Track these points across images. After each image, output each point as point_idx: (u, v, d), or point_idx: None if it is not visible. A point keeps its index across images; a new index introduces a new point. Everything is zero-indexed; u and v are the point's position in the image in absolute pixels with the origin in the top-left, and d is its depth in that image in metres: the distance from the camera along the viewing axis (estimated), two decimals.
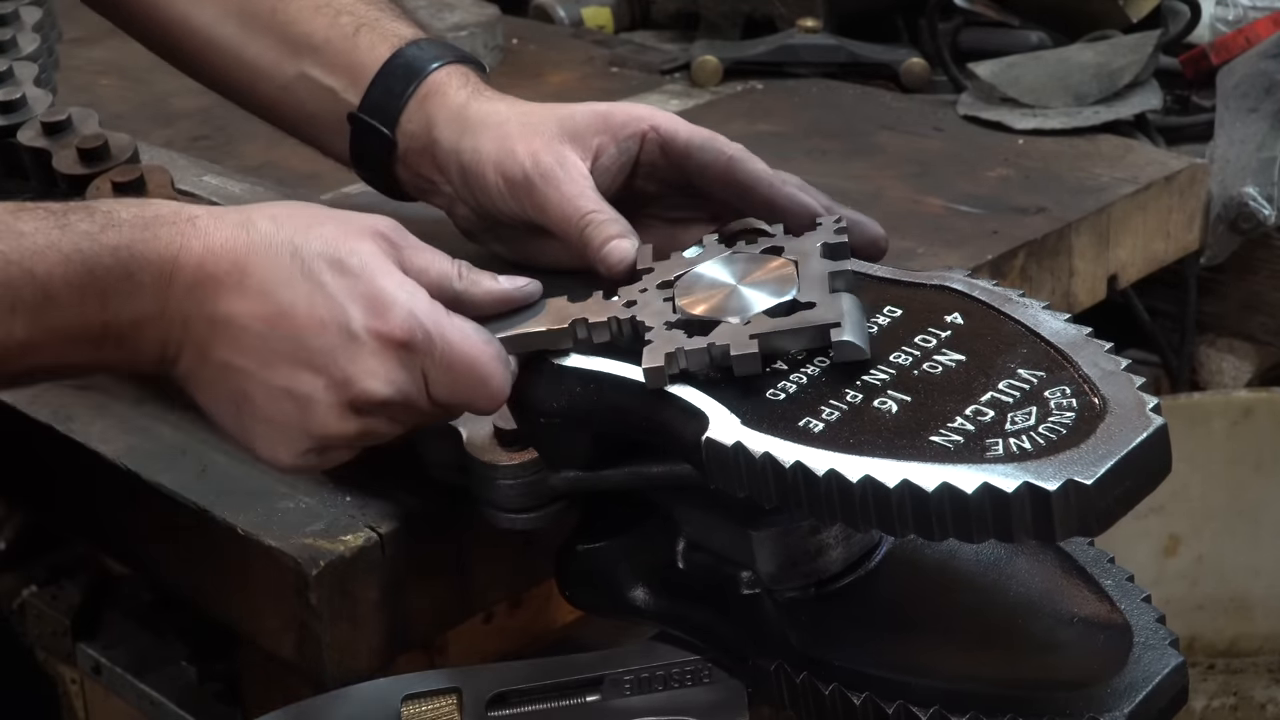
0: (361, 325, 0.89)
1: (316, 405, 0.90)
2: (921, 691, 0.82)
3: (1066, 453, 0.76)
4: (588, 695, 0.93)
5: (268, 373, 0.90)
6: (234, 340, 0.90)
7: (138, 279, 0.89)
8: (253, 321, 0.89)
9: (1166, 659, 0.82)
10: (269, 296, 0.89)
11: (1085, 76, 1.72)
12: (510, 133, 1.05)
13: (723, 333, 0.87)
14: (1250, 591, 1.72)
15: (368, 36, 1.12)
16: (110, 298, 0.88)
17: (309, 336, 0.89)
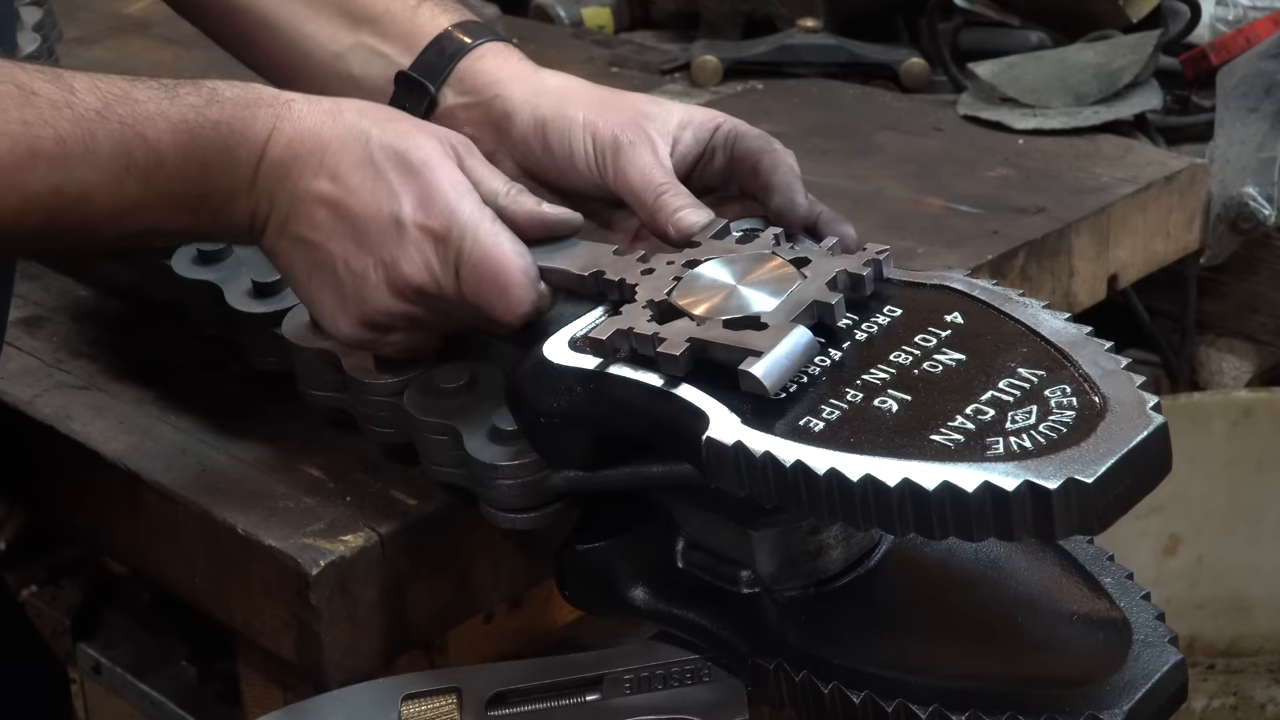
0: (409, 216, 0.97)
1: (368, 282, 0.98)
2: (921, 690, 0.82)
3: (1067, 451, 0.76)
4: (588, 695, 0.93)
5: (332, 247, 0.98)
6: (308, 216, 0.98)
7: (235, 153, 0.97)
8: (324, 200, 0.98)
9: (1166, 656, 0.82)
10: (340, 179, 0.97)
11: (1085, 76, 1.72)
12: (603, 101, 1.10)
13: (673, 328, 0.88)
14: (1250, 591, 1.72)
15: (430, 10, 1.18)
16: (211, 168, 0.96)
17: (366, 220, 0.97)
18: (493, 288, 0.96)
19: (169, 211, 0.97)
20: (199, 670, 1.51)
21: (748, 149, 1.08)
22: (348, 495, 1.07)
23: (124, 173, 0.94)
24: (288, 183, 0.98)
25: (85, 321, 1.33)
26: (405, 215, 0.97)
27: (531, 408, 0.94)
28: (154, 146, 0.95)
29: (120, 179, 0.94)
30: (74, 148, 0.92)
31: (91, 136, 0.93)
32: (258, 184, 0.98)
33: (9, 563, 1.79)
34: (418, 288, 0.97)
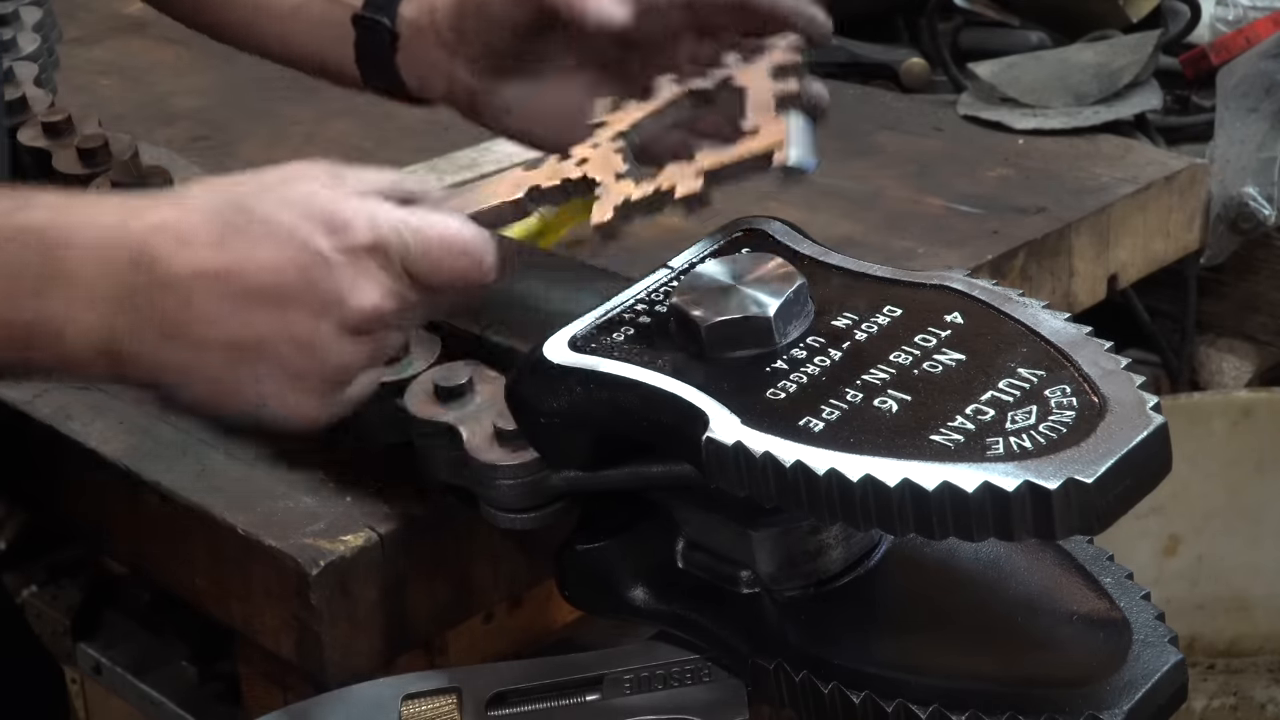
0: (328, 246, 0.84)
1: (318, 339, 0.85)
2: (921, 689, 0.82)
3: (1067, 451, 0.76)
4: (588, 694, 0.92)
5: (254, 327, 0.83)
6: (202, 305, 0.82)
7: (67, 263, 0.81)
8: (218, 278, 0.82)
9: (1165, 656, 0.82)
10: (226, 248, 0.83)
11: (1085, 76, 1.72)
12: None
13: (670, 174, 0.88)
14: (1250, 591, 1.72)
15: None
16: (31, 285, 0.81)
17: (280, 275, 0.83)
18: (455, 258, 0.89)
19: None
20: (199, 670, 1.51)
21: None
22: (348, 495, 1.07)
23: None
24: (158, 274, 0.82)
25: None
26: (323, 248, 0.84)
27: (531, 408, 0.94)
28: None
29: None
30: None
31: None
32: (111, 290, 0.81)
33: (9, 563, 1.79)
34: (375, 313, 0.86)
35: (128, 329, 0.82)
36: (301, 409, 0.86)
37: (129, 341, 0.82)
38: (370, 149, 1.74)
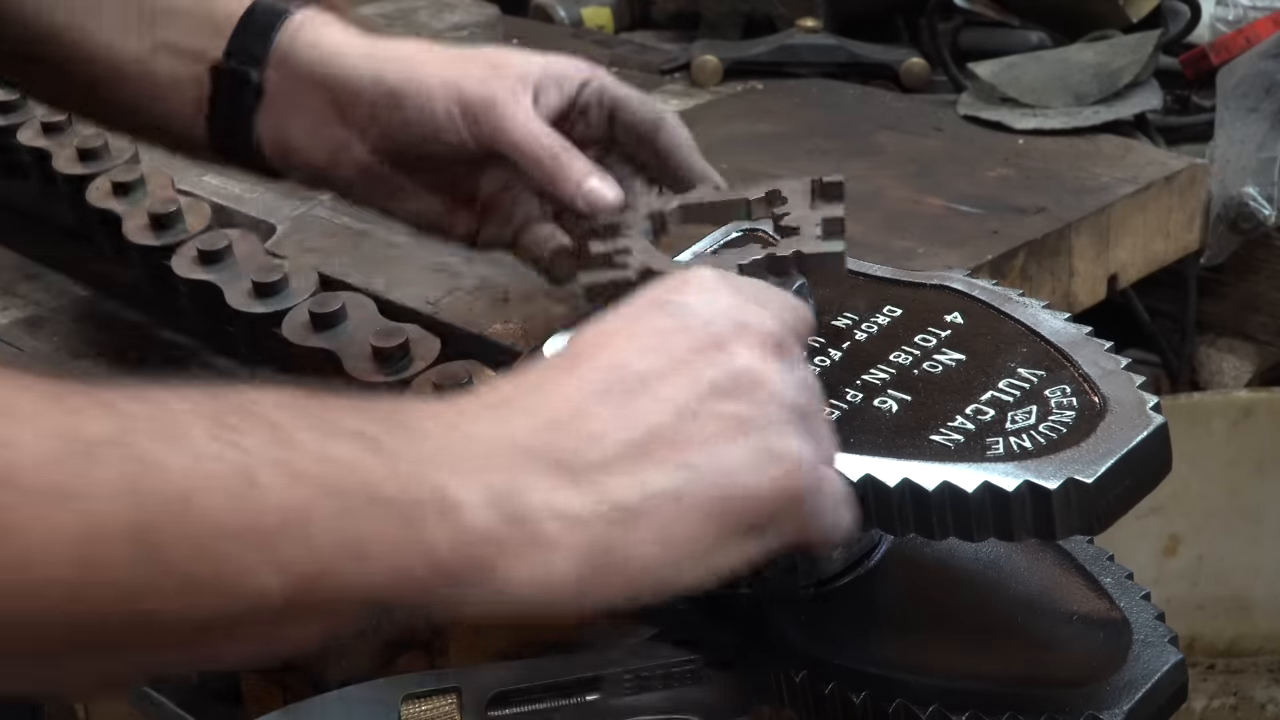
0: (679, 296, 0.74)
1: (742, 366, 0.71)
2: (920, 690, 0.82)
3: (1067, 451, 0.76)
4: (587, 694, 0.92)
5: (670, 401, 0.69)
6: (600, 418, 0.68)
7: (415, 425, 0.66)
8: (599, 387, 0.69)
9: (1166, 656, 0.82)
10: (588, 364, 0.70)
11: (1085, 76, 1.72)
12: (455, 57, 1.01)
13: None
14: (1250, 591, 1.71)
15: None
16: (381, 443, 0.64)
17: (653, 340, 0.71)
18: None
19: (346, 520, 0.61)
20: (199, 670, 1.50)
21: (636, 120, 1.03)
22: None
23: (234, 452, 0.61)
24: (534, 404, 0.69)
25: (85, 321, 1.33)
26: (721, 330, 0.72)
27: None
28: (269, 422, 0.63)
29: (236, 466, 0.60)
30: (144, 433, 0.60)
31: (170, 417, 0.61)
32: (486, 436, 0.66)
33: None
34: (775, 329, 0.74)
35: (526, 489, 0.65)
36: (773, 453, 0.69)
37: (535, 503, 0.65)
38: None
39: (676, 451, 0.67)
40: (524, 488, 0.64)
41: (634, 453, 0.66)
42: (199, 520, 0.58)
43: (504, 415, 0.67)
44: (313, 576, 0.60)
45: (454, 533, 0.63)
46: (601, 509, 0.65)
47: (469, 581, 0.63)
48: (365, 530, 0.61)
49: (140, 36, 1.03)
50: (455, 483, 0.63)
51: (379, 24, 1.08)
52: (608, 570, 0.65)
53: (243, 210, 1.29)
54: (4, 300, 1.37)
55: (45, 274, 1.40)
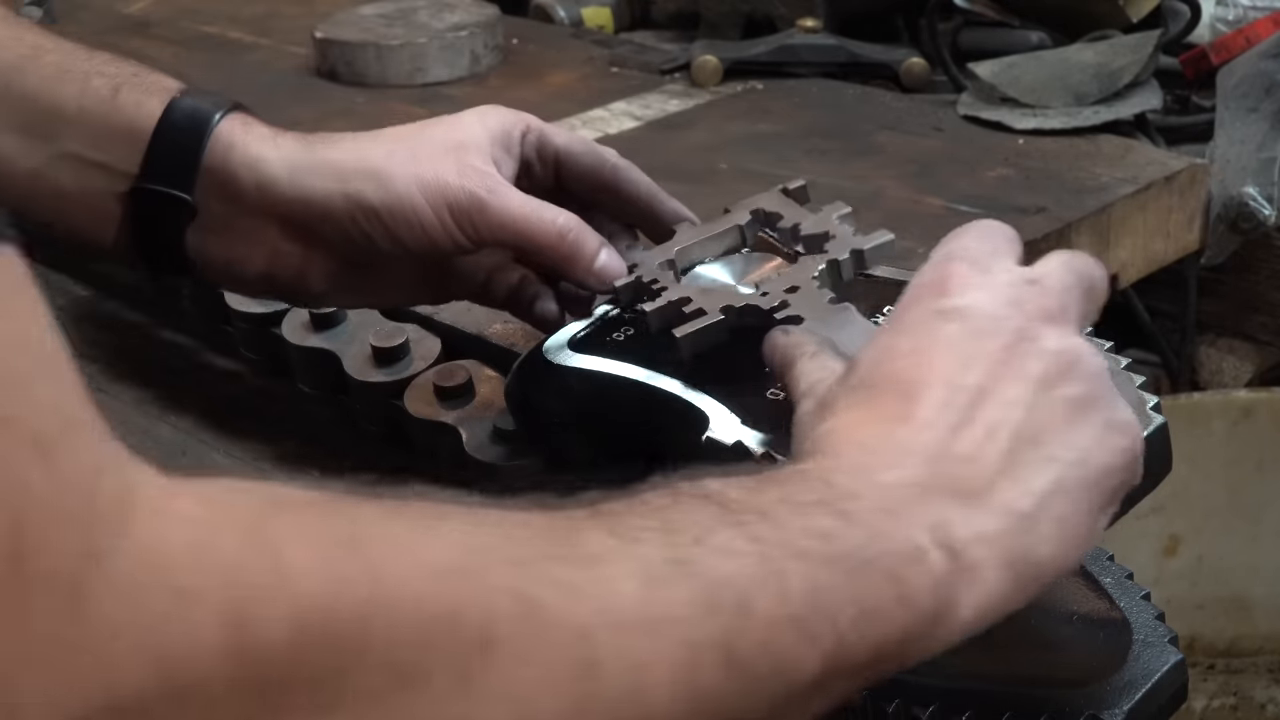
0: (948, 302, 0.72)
1: (1049, 348, 0.71)
2: (920, 690, 0.82)
3: None
4: None
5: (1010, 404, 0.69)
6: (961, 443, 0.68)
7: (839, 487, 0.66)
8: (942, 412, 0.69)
9: (1166, 656, 0.82)
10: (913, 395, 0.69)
11: (1085, 76, 1.72)
12: (419, 158, 0.93)
13: None
14: (1250, 591, 1.71)
15: (130, 95, 0.94)
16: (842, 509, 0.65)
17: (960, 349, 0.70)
18: None
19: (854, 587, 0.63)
20: None
21: (586, 168, 0.99)
22: None
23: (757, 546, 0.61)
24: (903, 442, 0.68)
25: (85, 321, 1.33)
26: (1017, 322, 0.72)
27: (531, 408, 0.94)
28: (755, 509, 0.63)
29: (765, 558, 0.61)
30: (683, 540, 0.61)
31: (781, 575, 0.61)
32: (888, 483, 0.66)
33: None
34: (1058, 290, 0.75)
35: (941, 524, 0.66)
36: (1115, 423, 0.71)
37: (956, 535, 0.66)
38: None
39: (1039, 448, 0.68)
40: (949, 522, 0.65)
41: (1008, 462, 0.68)
42: (760, 622, 0.60)
43: (885, 465, 0.67)
44: (835, 649, 0.62)
45: (928, 579, 0.64)
46: (1008, 522, 0.67)
47: (940, 623, 0.66)
48: (864, 593, 0.63)
49: (34, 149, 0.94)
50: (911, 533, 0.64)
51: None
52: (1025, 576, 0.68)
53: None
54: None
55: (45, 274, 1.40)
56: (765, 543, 0.61)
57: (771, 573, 0.60)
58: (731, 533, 0.61)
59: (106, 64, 0.95)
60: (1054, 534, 0.68)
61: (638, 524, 0.60)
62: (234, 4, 2.22)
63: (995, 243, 0.76)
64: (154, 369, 1.25)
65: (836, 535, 0.63)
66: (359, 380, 1.08)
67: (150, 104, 0.93)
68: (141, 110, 0.93)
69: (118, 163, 0.93)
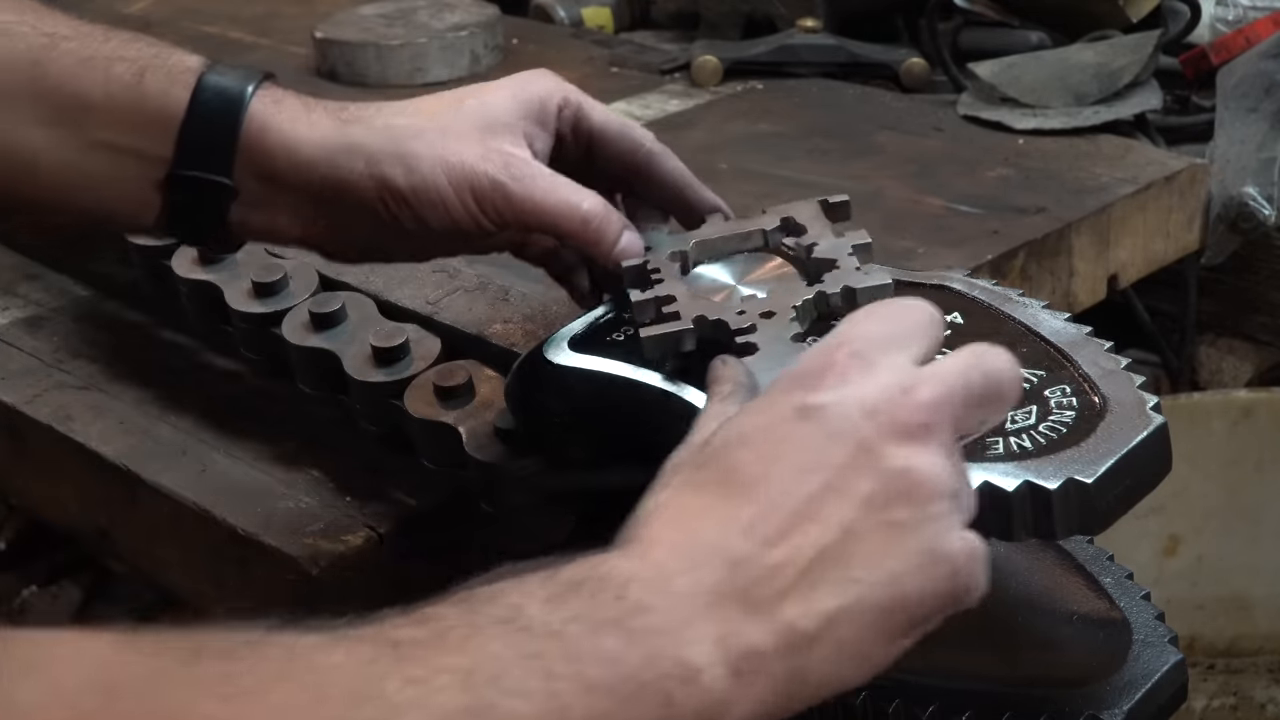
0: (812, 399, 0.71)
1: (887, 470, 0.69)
2: (920, 690, 0.82)
3: (1067, 451, 0.76)
4: None
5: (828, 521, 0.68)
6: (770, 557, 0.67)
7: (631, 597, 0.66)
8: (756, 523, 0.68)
9: (1166, 656, 0.82)
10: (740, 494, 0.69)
11: (1085, 76, 1.72)
12: (443, 141, 0.94)
13: None
14: (1250, 591, 1.71)
15: (156, 80, 0.93)
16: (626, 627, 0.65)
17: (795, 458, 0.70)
18: None
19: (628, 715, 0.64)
20: None
21: (620, 153, 0.99)
22: (347, 495, 1.07)
23: (550, 683, 0.63)
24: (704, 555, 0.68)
25: (85, 321, 1.33)
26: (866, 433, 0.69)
27: (531, 408, 0.94)
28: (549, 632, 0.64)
29: (554, 695, 0.63)
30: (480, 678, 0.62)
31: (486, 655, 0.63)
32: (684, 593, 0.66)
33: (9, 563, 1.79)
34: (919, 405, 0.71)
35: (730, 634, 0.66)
36: (939, 553, 0.69)
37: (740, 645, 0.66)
38: None
39: (844, 569, 0.67)
40: (734, 634, 0.66)
41: (806, 579, 0.67)
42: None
43: (686, 568, 0.67)
44: None
45: (698, 698, 0.65)
46: (785, 640, 0.66)
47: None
48: (635, 716, 0.64)
49: (63, 136, 0.93)
50: (690, 652, 0.65)
51: None
52: (796, 694, 0.67)
53: None
54: (4, 300, 1.37)
55: (45, 274, 1.40)
56: (556, 678, 0.62)
57: (558, 709, 0.62)
58: (525, 670, 0.62)
59: (126, 46, 0.95)
60: (832, 656, 0.67)
61: (436, 664, 0.62)
62: (234, 4, 2.22)
63: (899, 329, 0.73)
64: (154, 369, 1.25)
65: (620, 659, 0.64)
66: (359, 380, 1.08)
67: (176, 89, 0.93)
68: (169, 96, 0.93)
69: (151, 148, 0.93)
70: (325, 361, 1.11)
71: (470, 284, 1.18)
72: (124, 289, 1.35)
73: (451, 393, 1.03)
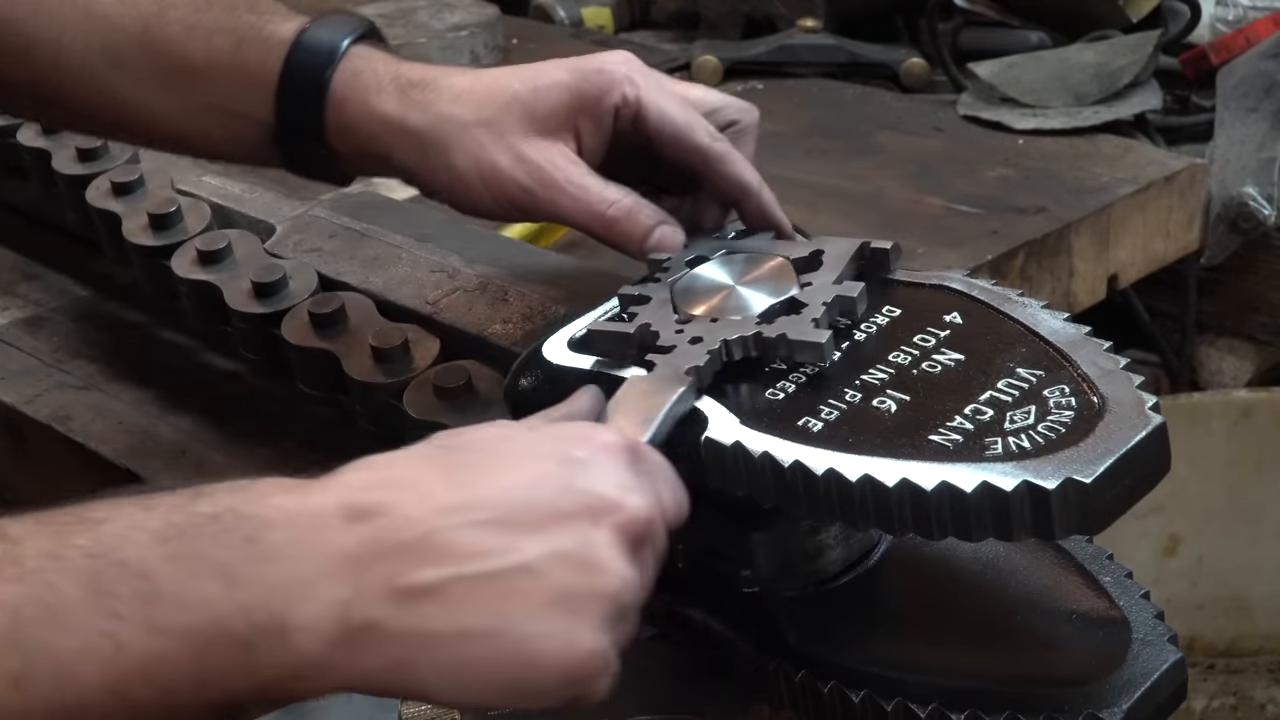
0: (579, 450, 0.74)
1: (595, 549, 0.71)
2: (920, 689, 0.82)
3: (1065, 451, 0.76)
4: None
5: (515, 553, 0.70)
6: (447, 542, 0.69)
7: (267, 540, 0.68)
8: (459, 516, 0.70)
9: (1165, 655, 0.82)
10: (461, 485, 0.71)
11: (1085, 76, 1.72)
12: (481, 141, 0.97)
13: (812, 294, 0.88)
14: (1250, 591, 1.72)
15: (251, 52, 1.00)
16: (237, 575, 0.67)
17: (535, 488, 0.72)
18: (678, 488, 0.79)
19: (200, 661, 0.66)
20: None
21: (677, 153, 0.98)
22: None
23: (113, 623, 0.65)
24: (385, 534, 0.69)
25: (85, 321, 1.33)
26: (576, 452, 0.74)
27: (531, 407, 0.94)
28: (141, 571, 0.66)
29: (109, 635, 0.65)
30: (29, 613, 0.64)
31: (50, 589, 0.65)
32: (329, 562, 0.68)
33: None
34: (650, 521, 0.74)
35: (359, 598, 0.68)
36: (569, 641, 0.70)
37: (364, 614, 0.68)
38: None
39: (500, 601, 0.69)
40: (354, 604, 0.68)
41: (461, 588, 0.69)
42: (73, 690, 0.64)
43: (357, 520, 0.70)
44: (162, 708, 0.66)
45: (284, 656, 0.67)
46: (413, 630, 0.68)
47: (286, 694, 0.70)
48: (210, 663, 0.66)
49: (175, 96, 1.01)
50: (300, 608, 0.67)
51: None
52: (397, 686, 0.70)
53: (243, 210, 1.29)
54: (4, 300, 1.37)
55: (45, 274, 1.40)
56: (120, 619, 0.65)
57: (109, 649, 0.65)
58: (87, 608, 0.65)
59: (227, 15, 1.01)
60: (443, 669, 0.69)
61: None
62: None
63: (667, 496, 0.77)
64: (154, 369, 1.25)
65: (211, 605, 0.66)
66: (359, 380, 1.08)
67: (270, 60, 0.99)
68: (264, 68, 0.99)
69: (257, 114, 1.00)
70: (325, 361, 1.11)
71: (470, 284, 1.18)
72: (124, 289, 1.35)
73: (451, 393, 1.03)
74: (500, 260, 1.16)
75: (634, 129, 0.99)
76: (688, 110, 0.99)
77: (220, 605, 0.66)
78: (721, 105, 1.02)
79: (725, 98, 1.04)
